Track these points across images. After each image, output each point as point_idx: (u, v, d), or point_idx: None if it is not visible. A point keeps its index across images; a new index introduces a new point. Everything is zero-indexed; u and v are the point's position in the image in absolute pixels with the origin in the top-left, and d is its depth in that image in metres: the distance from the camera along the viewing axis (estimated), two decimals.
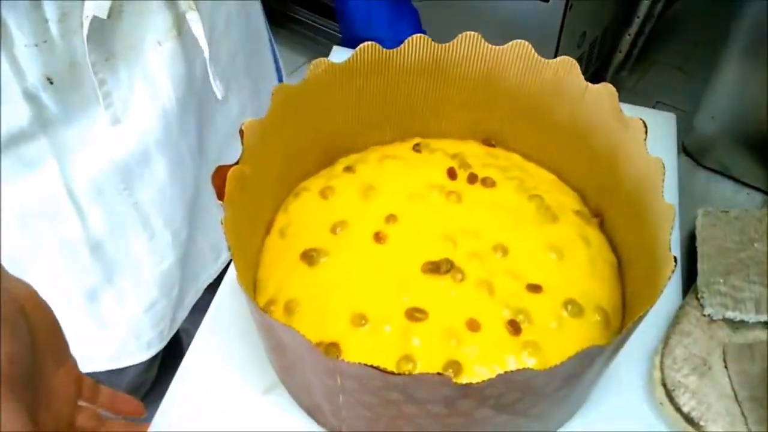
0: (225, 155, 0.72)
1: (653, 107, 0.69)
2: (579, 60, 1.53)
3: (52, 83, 0.57)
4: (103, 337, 0.70)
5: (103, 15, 0.55)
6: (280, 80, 0.82)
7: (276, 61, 0.79)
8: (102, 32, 0.57)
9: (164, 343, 0.74)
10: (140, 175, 0.64)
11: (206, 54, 0.61)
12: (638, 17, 1.54)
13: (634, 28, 1.57)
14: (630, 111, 0.45)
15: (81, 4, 0.54)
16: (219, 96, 0.64)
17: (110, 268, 0.67)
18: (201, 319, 0.53)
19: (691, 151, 0.62)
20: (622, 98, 0.45)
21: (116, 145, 0.62)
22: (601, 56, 1.70)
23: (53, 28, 0.54)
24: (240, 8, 0.69)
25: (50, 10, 0.54)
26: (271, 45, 0.78)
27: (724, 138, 0.61)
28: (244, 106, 0.71)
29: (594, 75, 1.72)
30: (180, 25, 0.60)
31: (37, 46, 0.55)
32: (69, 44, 0.56)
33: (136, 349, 0.73)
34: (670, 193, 0.59)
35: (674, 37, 1.87)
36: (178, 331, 0.77)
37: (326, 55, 0.56)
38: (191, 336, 0.53)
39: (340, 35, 0.76)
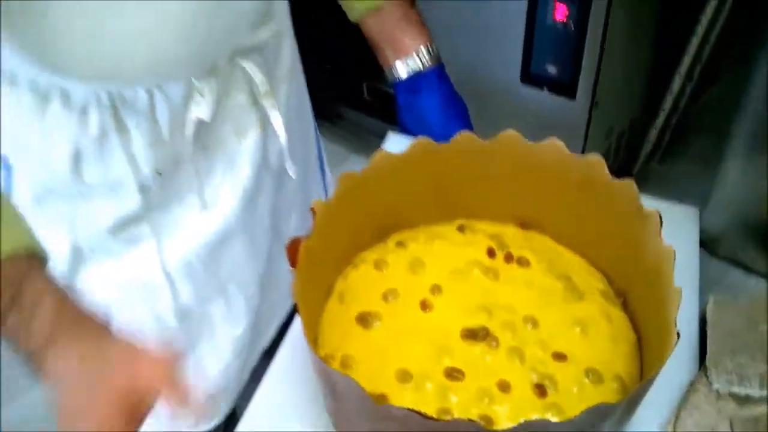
0: (285, 228, 0.80)
1: (680, 199, 0.73)
2: (606, 152, 1.60)
3: (160, 175, 0.66)
4: None
5: (207, 118, 0.64)
6: (321, 166, 0.91)
7: (319, 149, 0.89)
8: (201, 131, 0.66)
9: (232, 406, 0.81)
10: (222, 250, 0.73)
11: (284, 143, 0.70)
12: (663, 110, 1.60)
13: (660, 121, 1.62)
14: (654, 203, 0.51)
15: (188, 108, 0.64)
16: (293, 176, 0.73)
17: (192, 336, 0.75)
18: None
19: (704, 241, 0.66)
20: (650, 189, 0.51)
21: (204, 226, 0.71)
22: (629, 148, 1.76)
23: (164, 130, 0.64)
24: (298, 103, 0.79)
25: (162, 116, 0.63)
26: (316, 134, 0.88)
27: (733, 229, 0.66)
28: (295, 188, 0.79)
29: (623, 166, 1.77)
30: (263, 121, 0.70)
31: (151, 145, 0.64)
32: (176, 142, 0.65)
33: (211, 409, 0.80)
34: (690, 279, 0.63)
35: (705, 128, 1.92)
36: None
37: (368, 146, 0.63)
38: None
39: (379, 129, 0.84)
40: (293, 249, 0.48)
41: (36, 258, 0.48)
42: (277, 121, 0.71)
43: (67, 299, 0.47)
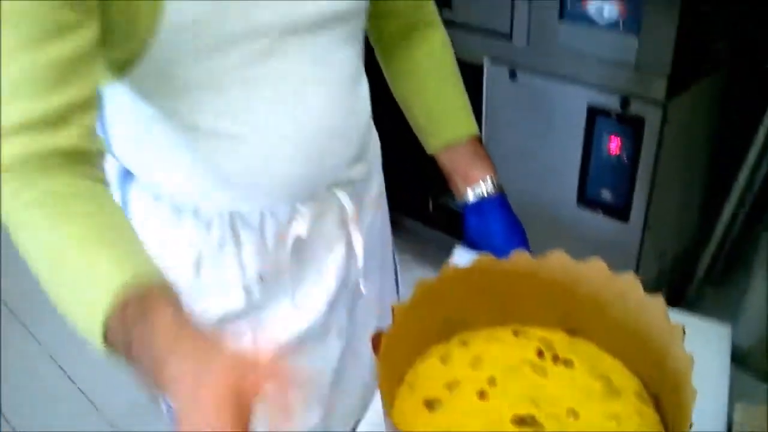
0: (362, 332, 0.93)
1: (733, 322, 0.81)
2: (660, 274, 1.67)
3: (262, 280, 0.81)
4: None
5: (305, 235, 0.80)
6: (396, 279, 1.04)
7: (395, 265, 1.03)
8: (298, 245, 0.82)
9: None
10: (305, 346, 0.87)
11: (361, 263, 0.85)
12: (715, 237, 1.67)
13: (711, 247, 1.69)
14: (687, 319, 0.59)
15: (291, 226, 0.79)
16: (364, 292, 0.87)
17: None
18: None
19: (736, 355, 0.73)
20: (703, 311, 0.59)
21: (293, 324, 0.85)
22: (683, 271, 1.82)
23: (270, 243, 0.80)
24: (381, 226, 0.95)
25: (269, 231, 0.79)
26: (393, 253, 1.03)
27: (758, 346, 0.73)
28: (372, 298, 0.94)
29: (676, 289, 1.82)
30: (349, 241, 0.85)
31: (258, 255, 0.80)
32: (278, 253, 0.81)
33: None
34: (721, 390, 0.71)
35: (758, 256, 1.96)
36: None
37: (430, 255, 0.76)
38: None
39: (441, 240, 0.97)
40: (377, 340, 0.59)
41: (159, 280, 0.56)
42: (358, 243, 0.86)
43: (186, 317, 0.53)
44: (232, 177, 0.75)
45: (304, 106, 0.74)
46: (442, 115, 0.89)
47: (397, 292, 1.05)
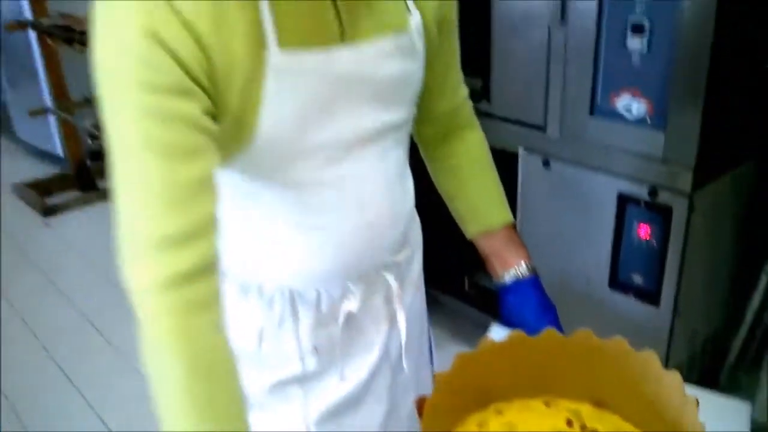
0: (402, 401, 1.01)
1: (752, 399, 0.86)
2: (692, 357, 1.70)
3: (316, 351, 0.90)
4: None
5: (355, 311, 0.90)
6: (431, 355, 1.13)
7: (430, 342, 1.11)
8: (349, 320, 0.92)
9: None
10: (349, 412, 0.95)
11: (403, 340, 0.94)
12: (746, 322, 1.70)
13: (742, 333, 1.72)
14: (707, 395, 0.66)
15: (343, 303, 0.89)
16: (406, 370, 0.98)
17: None
18: None
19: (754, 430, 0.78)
20: (739, 394, 0.66)
21: (340, 391, 0.94)
22: (715, 354, 1.84)
23: (324, 318, 0.90)
24: (420, 305, 1.04)
25: (324, 308, 0.90)
26: (429, 330, 1.12)
27: None
28: (410, 371, 1.02)
29: (709, 373, 1.84)
30: (392, 317, 0.95)
31: (313, 329, 0.90)
32: (330, 328, 0.91)
33: None
34: None
35: None
36: None
37: (464, 331, 0.84)
38: None
39: (475, 317, 1.04)
40: (420, 404, 0.67)
41: None
42: (401, 320, 0.96)
43: None
44: (297, 261, 0.85)
45: (363, 200, 0.85)
46: (480, 207, 1.01)
47: (432, 363, 1.12)
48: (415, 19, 0.82)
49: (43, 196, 3.63)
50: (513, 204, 1.82)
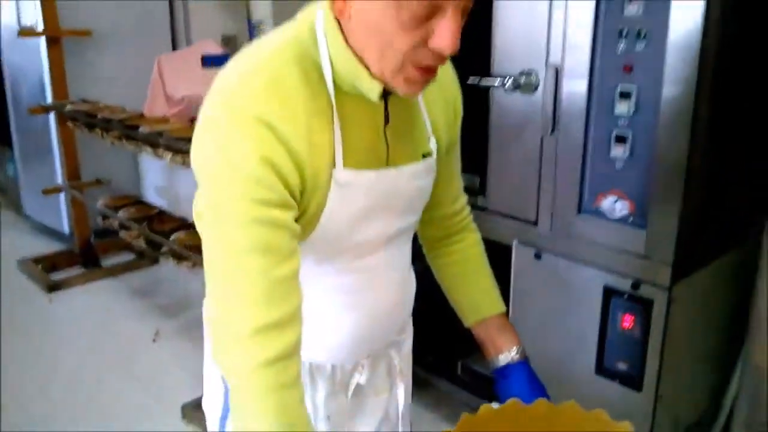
0: None
1: None
2: None
3: (329, 418, 1.04)
4: None
5: (363, 383, 1.06)
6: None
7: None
8: (356, 389, 1.08)
9: None
10: None
11: (401, 408, 1.13)
12: (725, 410, 1.81)
13: (721, 419, 1.82)
14: None
15: (353, 376, 1.05)
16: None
17: None
18: None
19: None
20: None
21: None
22: None
23: (337, 388, 1.08)
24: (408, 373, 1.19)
25: (337, 379, 1.08)
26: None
27: None
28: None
29: None
30: (391, 386, 1.14)
31: (327, 397, 1.07)
32: (340, 397, 1.08)
33: None
34: None
35: None
36: None
37: (455, 414, 0.97)
38: None
39: (467, 400, 1.16)
40: None
41: None
42: (400, 390, 1.14)
43: None
44: (322, 336, 0.99)
45: (382, 286, 1.03)
46: (476, 299, 1.17)
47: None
48: (433, 143, 1.01)
49: (48, 272, 3.73)
50: (506, 292, 1.96)
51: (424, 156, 1.00)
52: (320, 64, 0.86)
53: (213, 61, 3.18)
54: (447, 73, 1.05)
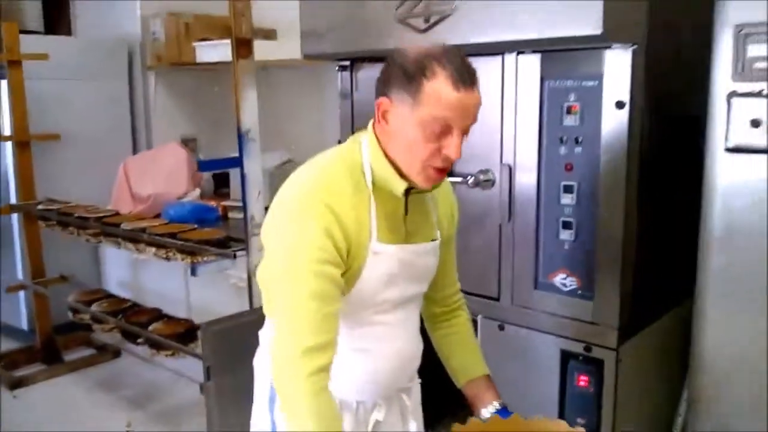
0: None
1: None
2: None
3: None
4: None
5: (381, 419, 1.39)
6: None
7: None
8: (375, 426, 1.39)
9: None
10: None
11: None
12: None
13: None
14: None
15: (372, 413, 1.37)
16: None
17: None
18: None
19: None
20: None
21: None
22: None
23: (360, 425, 1.37)
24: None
25: (360, 416, 1.38)
26: None
27: None
28: None
29: None
30: (404, 425, 1.45)
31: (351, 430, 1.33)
32: (362, 429, 1.36)
33: None
34: None
35: None
36: None
37: None
38: None
39: None
40: None
41: None
42: (413, 426, 1.42)
43: None
44: (349, 376, 1.28)
45: (399, 338, 1.34)
46: (467, 362, 1.50)
47: None
48: (437, 233, 1.37)
49: (9, 369, 3.71)
50: None
51: (432, 240, 1.36)
52: (363, 169, 1.26)
53: (206, 166, 3.49)
54: (449, 188, 1.47)
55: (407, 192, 1.28)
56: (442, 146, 1.20)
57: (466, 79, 1.18)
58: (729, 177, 1.65)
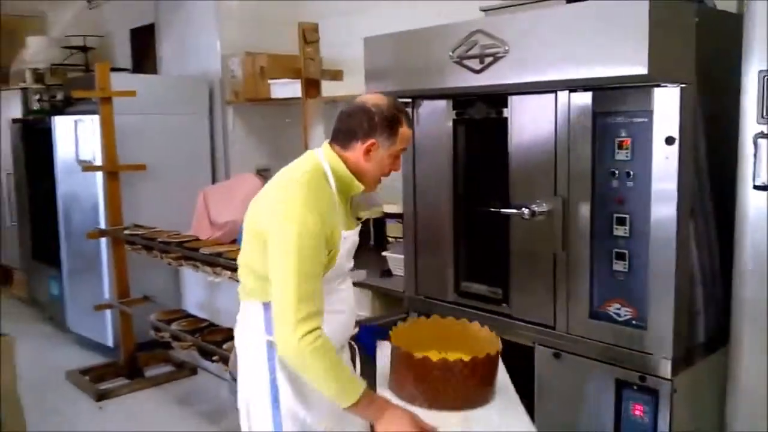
0: None
1: None
2: None
3: None
4: None
5: (344, 356, 1.79)
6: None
7: None
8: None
9: None
10: None
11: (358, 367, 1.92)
12: None
13: None
14: None
15: (340, 353, 1.72)
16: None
17: None
18: None
19: None
20: None
21: None
22: None
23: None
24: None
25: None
26: None
27: None
28: None
29: None
30: (351, 356, 1.87)
31: None
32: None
33: None
34: None
35: None
36: None
37: None
38: None
39: None
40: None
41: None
42: (357, 360, 1.92)
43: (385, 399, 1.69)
44: (329, 327, 1.64)
45: (350, 299, 1.88)
46: None
47: None
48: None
49: (95, 383, 3.95)
50: (531, 388, 2.22)
51: (358, 224, 1.87)
52: (327, 177, 1.73)
53: None
54: None
55: None
56: (394, 165, 1.80)
57: (411, 120, 1.87)
58: (758, 213, 1.67)
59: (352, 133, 1.73)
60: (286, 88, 3.79)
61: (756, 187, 1.66)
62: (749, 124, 1.65)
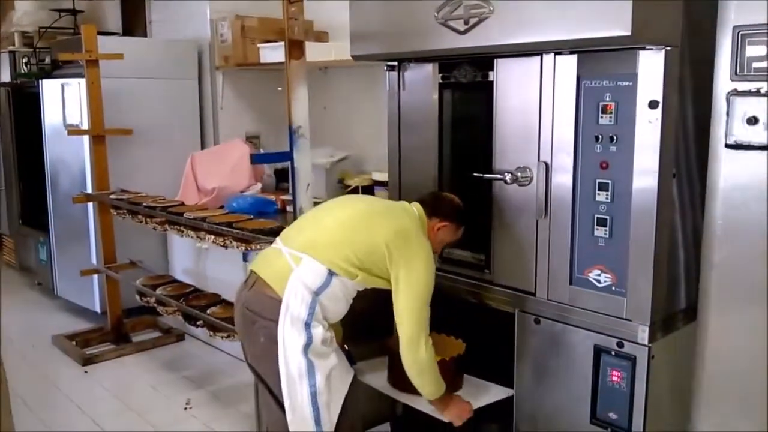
0: None
1: None
2: None
3: (324, 342, 1.92)
4: None
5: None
6: None
7: None
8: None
9: None
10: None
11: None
12: None
13: None
14: None
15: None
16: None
17: None
18: None
19: None
20: None
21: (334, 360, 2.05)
22: None
23: (328, 330, 1.90)
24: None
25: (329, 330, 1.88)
26: None
27: None
28: None
29: None
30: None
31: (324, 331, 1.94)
32: (329, 333, 1.95)
33: None
34: None
35: None
36: None
37: None
38: None
39: None
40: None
41: None
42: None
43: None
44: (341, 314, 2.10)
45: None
46: None
47: None
48: None
49: (82, 347, 3.97)
50: (510, 353, 2.24)
51: None
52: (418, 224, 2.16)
53: (259, 158, 3.80)
54: None
55: None
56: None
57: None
58: (730, 173, 1.65)
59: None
60: (276, 53, 3.75)
61: (728, 146, 1.65)
62: (722, 81, 1.62)
